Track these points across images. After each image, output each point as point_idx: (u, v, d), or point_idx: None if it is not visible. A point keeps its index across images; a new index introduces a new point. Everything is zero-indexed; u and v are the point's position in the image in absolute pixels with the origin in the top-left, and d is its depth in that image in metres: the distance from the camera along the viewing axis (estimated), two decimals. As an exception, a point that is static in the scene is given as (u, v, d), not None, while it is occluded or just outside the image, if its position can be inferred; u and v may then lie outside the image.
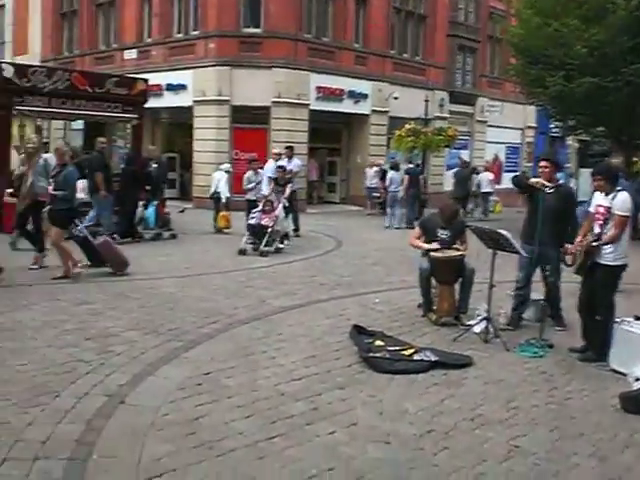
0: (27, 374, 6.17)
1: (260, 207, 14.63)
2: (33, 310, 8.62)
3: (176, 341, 7.46)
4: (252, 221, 14.37)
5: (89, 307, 8.91)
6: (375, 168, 25.11)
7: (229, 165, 19.02)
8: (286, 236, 15.41)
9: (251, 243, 14.16)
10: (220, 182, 18.00)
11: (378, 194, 24.53)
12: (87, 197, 13.70)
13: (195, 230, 17.53)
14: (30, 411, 5.31)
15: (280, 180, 15.38)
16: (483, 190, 25.33)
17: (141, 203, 16.08)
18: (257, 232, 14.12)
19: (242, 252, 13.92)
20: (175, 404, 5.60)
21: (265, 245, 13.93)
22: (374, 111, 27.87)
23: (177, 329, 7.95)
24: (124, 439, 4.90)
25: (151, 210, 15.99)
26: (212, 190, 18.27)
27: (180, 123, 27.71)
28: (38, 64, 24.04)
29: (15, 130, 15.86)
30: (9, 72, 15.42)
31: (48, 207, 10.97)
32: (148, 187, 15.98)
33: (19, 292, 9.67)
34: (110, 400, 5.63)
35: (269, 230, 14.05)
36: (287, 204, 15.22)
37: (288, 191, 15.29)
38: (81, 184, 12.10)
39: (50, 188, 10.87)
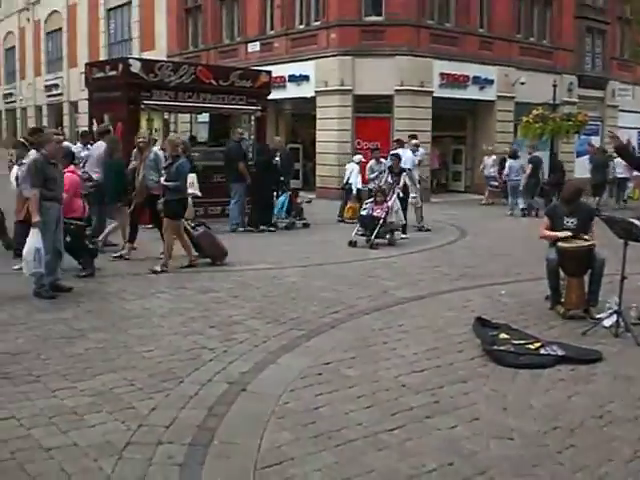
0: (153, 360, 6.36)
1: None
2: (160, 298, 8.92)
3: (297, 330, 7.51)
4: (364, 212, 14.07)
5: (213, 295, 9.11)
6: (493, 156, 24.53)
7: (361, 156, 18.98)
8: (405, 227, 14.95)
9: (362, 235, 13.80)
10: (352, 173, 18.11)
11: (496, 183, 23.97)
12: (197, 191, 13.91)
13: (323, 220, 17.66)
14: (154, 396, 5.46)
15: (394, 169, 14.92)
16: (619, 176, 24.24)
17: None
18: (367, 223, 13.75)
19: (352, 244, 13.65)
20: (295, 393, 5.63)
21: (376, 237, 13.60)
22: (500, 97, 27.22)
23: (299, 318, 8.02)
24: (245, 426, 4.97)
25: (282, 199, 16.21)
26: (344, 181, 18.45)
27: (303, 114, 27.97)
28: (164, 59, 24.78)
29: (144, 124, 16.35)
30: (136, 67, 15.98)
31: (163, 199, 10.96)
32: (281, 178, 16.21)
33: (147, 280, 10.02)
34: (232, 387, 5.72)
35: (381, 222, 13.68)
36: (402, 194, 14.77)
37: (402, 180, 14.93)
38: (190, 178, 12.22)
39: (162, 179, 10.95)
